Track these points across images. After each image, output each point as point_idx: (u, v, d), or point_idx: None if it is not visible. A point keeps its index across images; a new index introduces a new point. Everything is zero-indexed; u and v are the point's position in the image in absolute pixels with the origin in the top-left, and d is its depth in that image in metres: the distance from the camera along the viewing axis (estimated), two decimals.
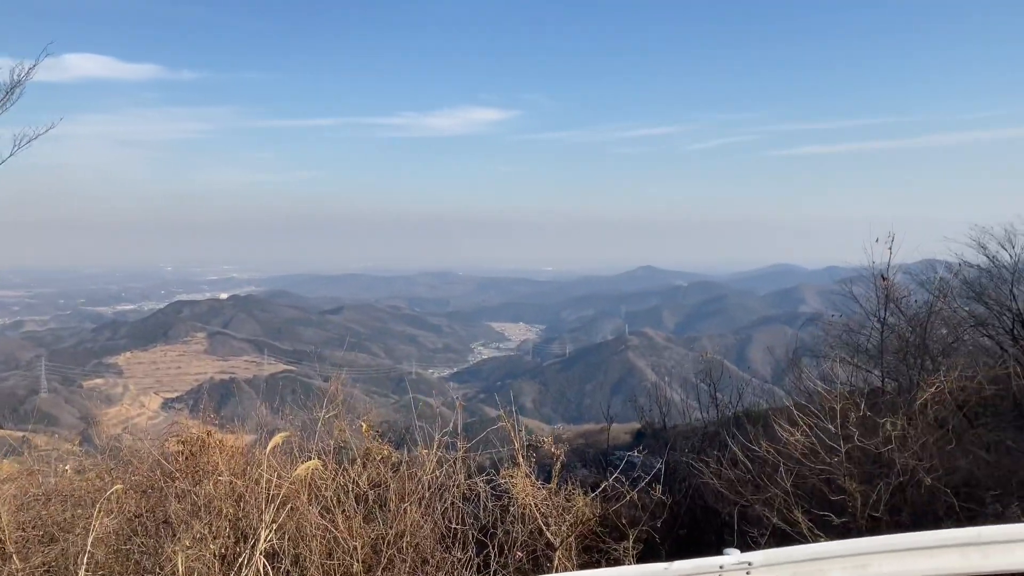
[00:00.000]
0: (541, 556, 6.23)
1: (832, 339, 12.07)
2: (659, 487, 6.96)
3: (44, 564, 6.48)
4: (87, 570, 5.53)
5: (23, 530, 6.92)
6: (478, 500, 6.42)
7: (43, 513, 7.35)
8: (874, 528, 5.96)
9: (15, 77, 10.95)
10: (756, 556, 4.82)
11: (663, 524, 6.95)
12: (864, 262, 11.01)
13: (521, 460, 6.50)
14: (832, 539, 5.56)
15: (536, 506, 6.16)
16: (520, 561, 6.05)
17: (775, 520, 6.26)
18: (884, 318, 10.94)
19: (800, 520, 6.06)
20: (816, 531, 6.02)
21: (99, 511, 5.95)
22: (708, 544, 7.31)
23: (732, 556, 4.79)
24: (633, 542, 6.40)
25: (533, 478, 6.50)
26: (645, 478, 6.95)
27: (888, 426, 6.46)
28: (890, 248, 10.67)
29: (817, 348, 12.66)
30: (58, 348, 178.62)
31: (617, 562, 6.28)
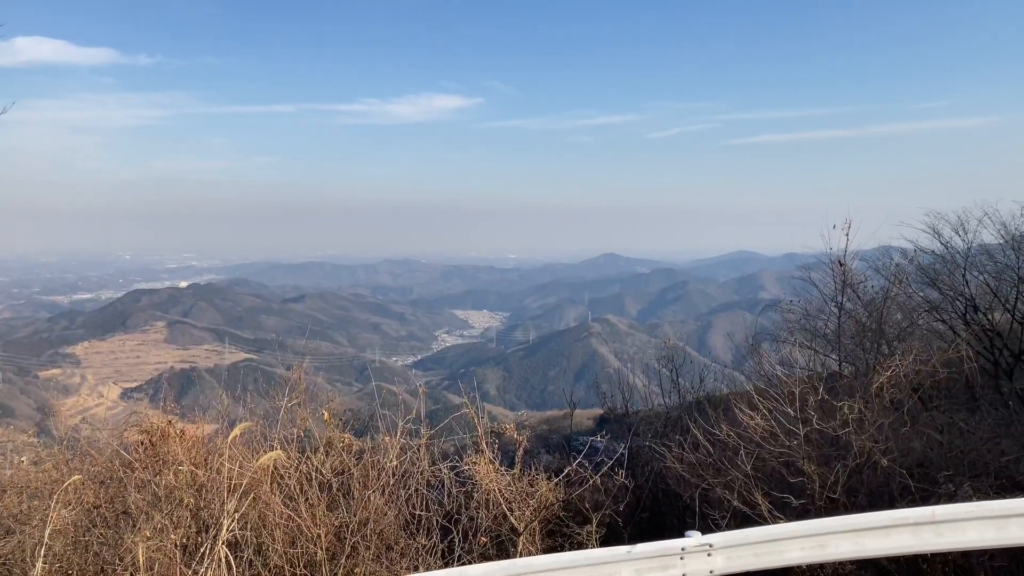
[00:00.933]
0: (506, 541, 6.26)
1: (791, 324, 12.24)
2: (622, 471, 7.02)
3: (0, 557, 6.37)
4: (44, 562, 5.44)
5: None
6: (442, 487, 6.43)
7: None
8: (832, 509, 6.07)
9: None
10: (716, 538, 4.89)
11: (626, 508, 7.02)
12: (822, 249, 11.18)
13: (485, 447, 6.52)
14: (791, 520, 5.66)
15: (500, 492, 6.19)
16: (485, 546, 6.08)
17: (736, 503, 6.35)
18: (841, 303, 11.12)
19: (760, 502, 6.15)
20: (776, 513, 6.12)
21: (56, 502, 5.87)
22: (670, 527, 7.40)
23: (693, 539, 4.85)
24: (596, 526, 6.46)
25: (497, 464, 6.52)
26: (608, 463, 7.01)
27: (846, 409, 6.57)
28: (847, 235, 10.84)
29: (776, 333, 12.84)
30: (12, 338, 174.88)
31: (581, 546, 6.33)
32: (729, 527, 5.84)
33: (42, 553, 5.38)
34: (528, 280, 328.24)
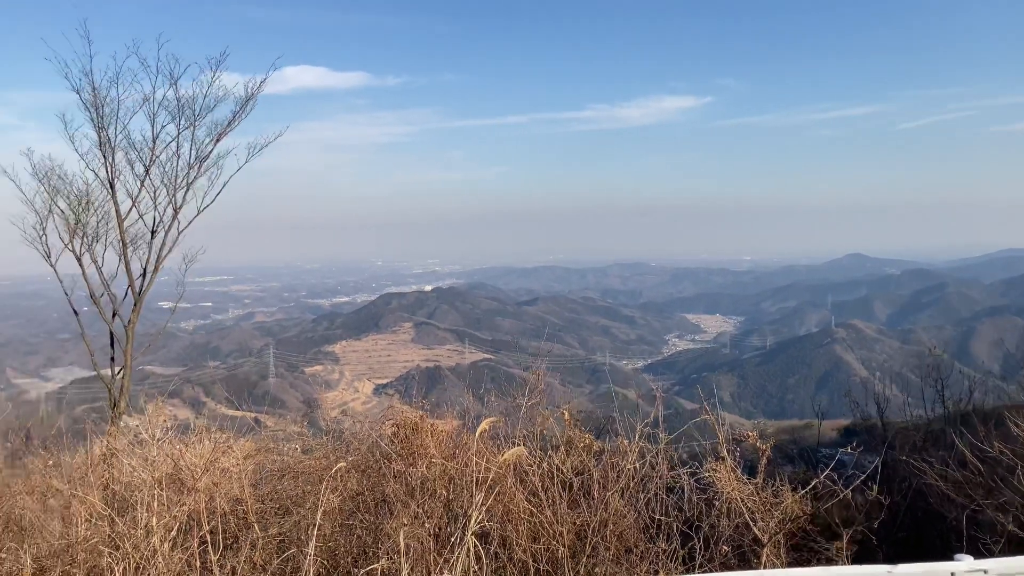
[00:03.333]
0: (748, 552, 6.08)
1: None
2: (875, 487, 6.58)
3: (279, 534, 7.11)
4: (316, 541, 5.96)
5: (262, 502, 7.64)
6: (682, 492, 6.35)
7: (278, 488, 8.08)
8: None
9: (248, 91, 12.09)
10: (992, 564, 4.45)
11: (880, 526, 6.56)
12: None
13: (726, 454, 6.36)
14: None
15: (742, 501, 6.01)
16: (726, 555, 5.94)
17: (1011, 527, 5.73)
18: None
19: None
20: None
21: (325, 488, 6.42)
22: (932, 549, 6.81)
23: (964, 563, 4.44)
24: (847, 543, 6.09)
25: (738, 472, 6.34)
26: (860, 477, 6.58)
27: None
28: None
29: None
30: (283, 337, 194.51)
31: (829, 562, 6.00)
32: (1003, 553, 5.28)
33: (314, 533, 5.90)
34: (764, 283, 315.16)
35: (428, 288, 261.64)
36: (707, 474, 6.31)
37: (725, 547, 5.94)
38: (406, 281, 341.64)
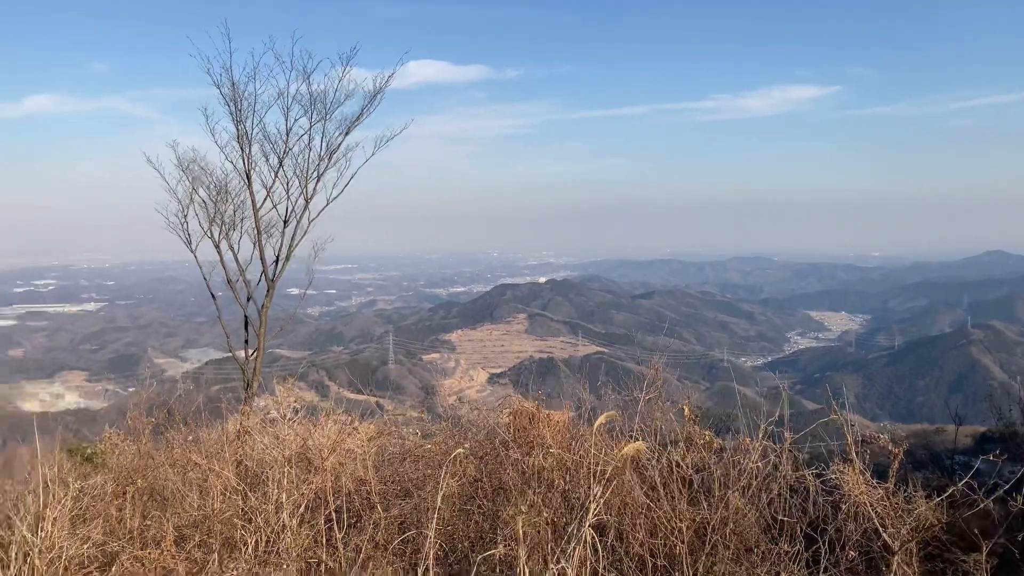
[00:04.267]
0: (877, 558, 5.83)
1: None
2: (1019, 498, 6.18)
3: (401, 516, 7.33)
4: (436, 524, 6.10)
5: (384, 484, 7.90)
6: (806, 494, 6.15)
7: (399, 470, 8.32)
8: None
9: (377, 85, 12.46)
10: None
11: None
12: None
13: (854, 456, 6.12)
14: None
15: (871, 505, 5.77)
16: (853, 561, 5.72)
17: None
18: None
19: None
20: None
21: (445, 472, 6.56)
22: None
23: None
24: (986, 555, 5.75)
25: (867, 476, 6.09)
26: (1004, 486, 6.20)
27: None
28: None
29: None
30: (402, 325, 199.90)
31: (967, 575, 5.70)
32: None
33: (434, 516, 6.04)
34: (893, 280, 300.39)
35: (542, 280, 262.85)
36: (833, 476, 6.09)
37: (852, 552, 5.72)
38: (521, 272, 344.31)
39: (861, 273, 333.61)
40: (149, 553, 6.81)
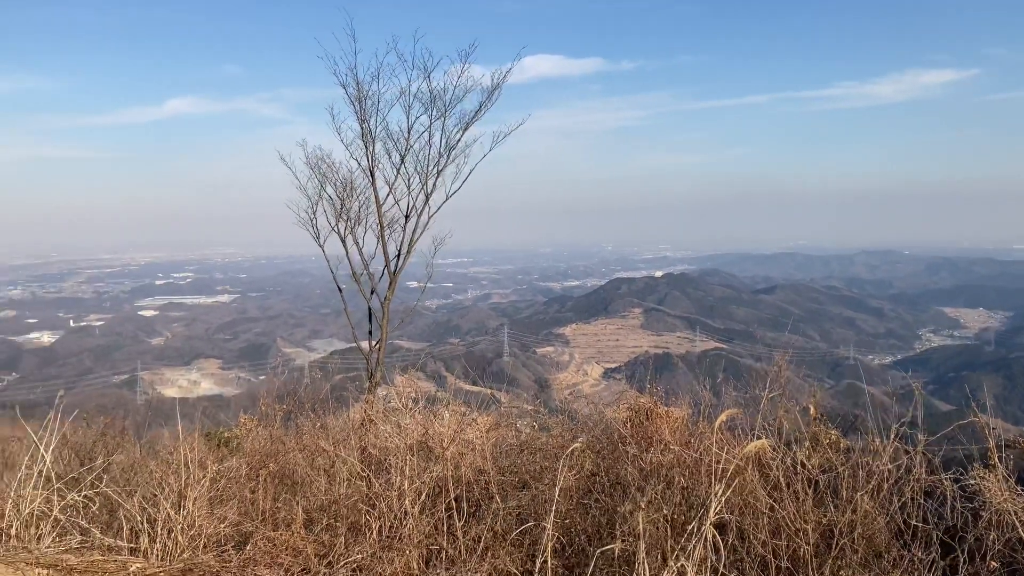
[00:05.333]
0: (1020, 571, 5.50)
1: None
2: None
3: (518, 507, 7.41)
4: (553, 517, 6.13)
5: (502, 475, 7.99)
6: (943, 499, 5.85)
7: (517, 462, 8.40)
8: None
9: (495, 81, 12.61)
10: None
11: None
12: None
13: (996, 461, 5.78)
14: None
15: (1016, 514, 5.44)
16: (994, 572, 5.40)
17: None
18: None
19: None
20: None
21: (563, 466, 6.59)
22: None
23: None
24: None
25: (1011, 482, 5.74)
26: None
27: None
28: None
29: None
30: (517, 318, 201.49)
31: None
32: None
33: (552, 509, 6.07)
34: None
35: (658, 274, 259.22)
36: (973, 481, 5.77)
37: (994, 563, 5.40)
38: (636, 266, 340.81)
39: (1001, 267, 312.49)
40: (280, 534, 7.15)
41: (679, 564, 5.22)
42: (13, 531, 7.50)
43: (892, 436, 6.08)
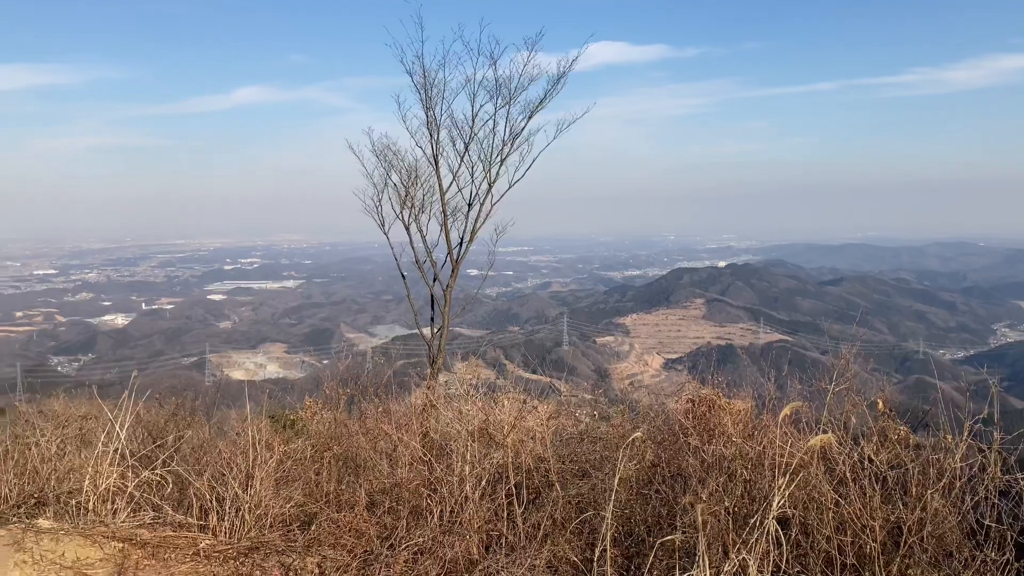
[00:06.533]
0: None
1: None
2: None
3: (578, 495, 7.43)
4: (613, 506, 6.13)
5: (562, 463, 8.02)
6: (1019, 499, 5.67)
7: (577, 450, 8.43)
8: None
9: (561, 69, 12.57)
10: None
11: None
12: None
13: None
14: None
15: None
16: None
17: None
18: None
19: None
20: None
21: (623, 456, 6.58)
22: None
23: None
24: None
25: None
26: None
27: None
28: None
29: None
30: (577, 307, 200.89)
31: None
32: None
33: (611, 498, 6.07)
34: None
35: (722, 264, 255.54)
36: None
37: None
38: (698, 256, 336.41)
39: None
40: (344, 516, 7.30)
41: (740, 557, 5.17)
42: (91, 505, 7.81)
43: (965, 433, 5.90)
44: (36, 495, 8.12)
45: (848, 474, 5.76)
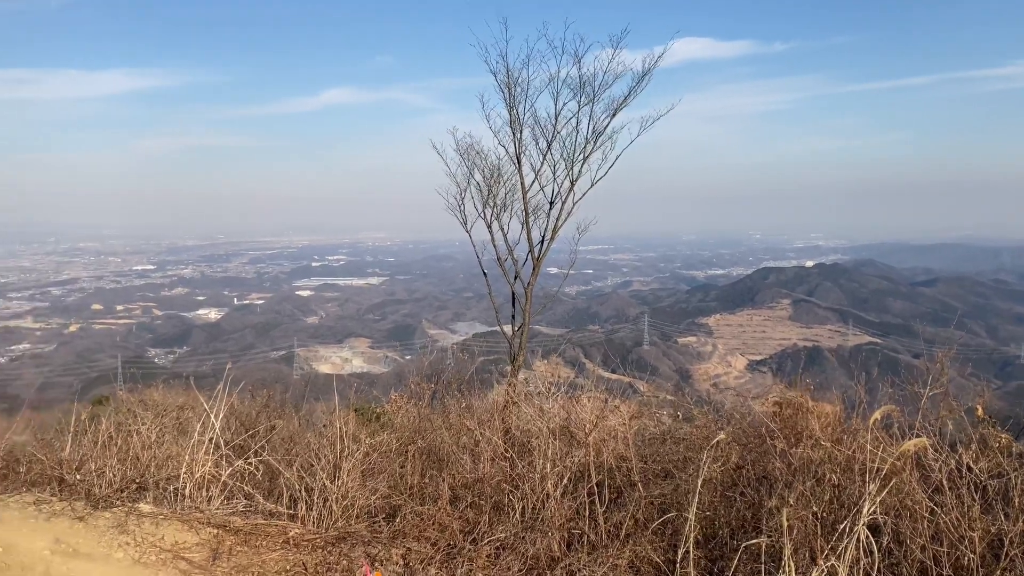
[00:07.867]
0: None
1: None
2: None
3: (661, 496, 7.37)
4: (697, 507, 6.05)
5: (644, 463, 7.97)
6: None
7: (660, 451, 8.35)
8: None
9: (646, 66, 12.46)
10: None
11: None
12: None
13: None
14: None
15: None
16: None
17: None
18: None
19: None
20: None
21: (707, 457, 6.49)
22: None
23: None
24: None
25: None
26: None
27: None
28: None
29: None
30: (658, 306, 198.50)
31: None
32: None
33: (695, 500, 6.00)
34: None
35: (809, 263, 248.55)
36: None
37: None
38: (785, 255, 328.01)
39: None
40: (427, 509, 7.43)
41: (829, 564, 5.06)
42: (187, 492, 8.16)
43: None
44: (137, 480, 8.51)
45: (944, 482, 5.56)
